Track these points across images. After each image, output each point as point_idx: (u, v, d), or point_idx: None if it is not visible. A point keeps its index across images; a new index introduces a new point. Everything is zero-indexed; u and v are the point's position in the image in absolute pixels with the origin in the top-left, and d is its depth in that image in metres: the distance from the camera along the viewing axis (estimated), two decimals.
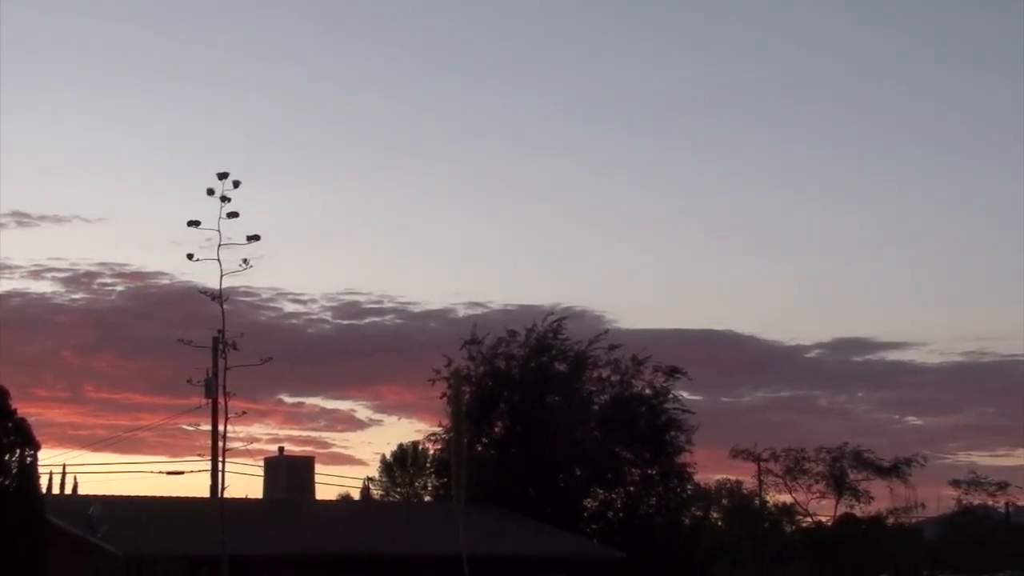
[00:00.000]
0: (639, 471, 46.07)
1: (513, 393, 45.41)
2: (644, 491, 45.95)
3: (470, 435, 42.00)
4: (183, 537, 31.46)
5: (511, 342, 46.28)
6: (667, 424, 45.96)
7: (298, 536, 35.42)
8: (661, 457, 45.66)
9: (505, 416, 45.70)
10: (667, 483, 45.88)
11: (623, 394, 46.15)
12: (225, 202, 19.37)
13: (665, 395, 46.29)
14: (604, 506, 46.11)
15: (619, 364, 46.35)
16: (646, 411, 45.90)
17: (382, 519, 42.57)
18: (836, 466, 48.37)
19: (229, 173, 19.31)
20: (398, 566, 34.62)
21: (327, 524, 38.42)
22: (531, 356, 45.87)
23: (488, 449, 45.33)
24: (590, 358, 46.40)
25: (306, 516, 38.76)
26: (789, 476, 49.36)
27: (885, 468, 48.10)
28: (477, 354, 46.08)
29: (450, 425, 35.01)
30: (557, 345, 46.32)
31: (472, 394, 44.75)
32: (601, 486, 45.86)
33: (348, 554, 34.20)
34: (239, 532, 28.09)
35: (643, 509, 45.77)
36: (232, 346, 20.68)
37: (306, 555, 33.00)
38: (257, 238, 19.41)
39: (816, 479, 48.84)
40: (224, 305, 20.35)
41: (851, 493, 48.31)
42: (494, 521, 39.30)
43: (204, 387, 41.29)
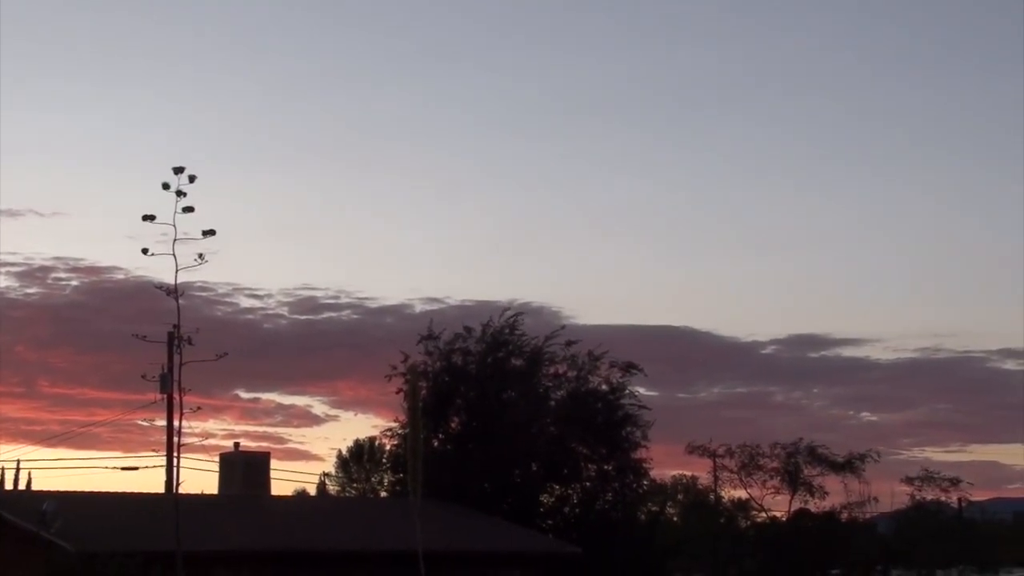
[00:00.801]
0: (595, 466, 46.18)
1: (469, 389, 45.43)
2: (600, 486, 46.06)
3: (426, 431, 42.02)
4: (137, 533, 31.30)
5: (468, 338, 46.31)
6: (623, 420, 46.08)
7: (254, 532, 35.32)
8: (617, 452, 45.78)
9: (461, 412, 45.71)
10: (623, 478, 46.01)
11: (579, 390, 46.25)
12: (180, 196, 19.32)
13: (621, 391, 46.42)
14: (560, 501, 46.20)
15: (576, 360, 46.45)
16: (602, 407, 46.01)
17: (338, 515, 42.48)
18: (790, 462, 48.66)
19: (184, 167, 19.25)
20: (354, 562, 34.56)
21: (283, 520, 38.32)
22: (487, 352, 45.91)
23: (444, 445, 45.33)
24: (547, 354, 46.48)
25: (262, 512, 38.65)
26: (744, 472, 49.66)
27: (839, 464, 48.43)
28: (434, 349, 46.09)
29: (406, 421, 34.97)
30: (514, 341, 46.37)
31: (429, 390, 44.78)
32: (557, 481, 45.94)
33: (304, 550, 34.15)
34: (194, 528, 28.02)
35: (599, 504, 45.89)
36: (187, 341, 20.62)
37: (262, 551, 32.90)
38: (213, 233, 19.36)
39: (771, 475, 49.16)
40: (179, 300, 20.29)
41: (805, 488, 48.61)
42: (450, 517, 39.31)
43: (159, 382, 41.06)
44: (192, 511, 30.94)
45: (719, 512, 53.76)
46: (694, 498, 66.04)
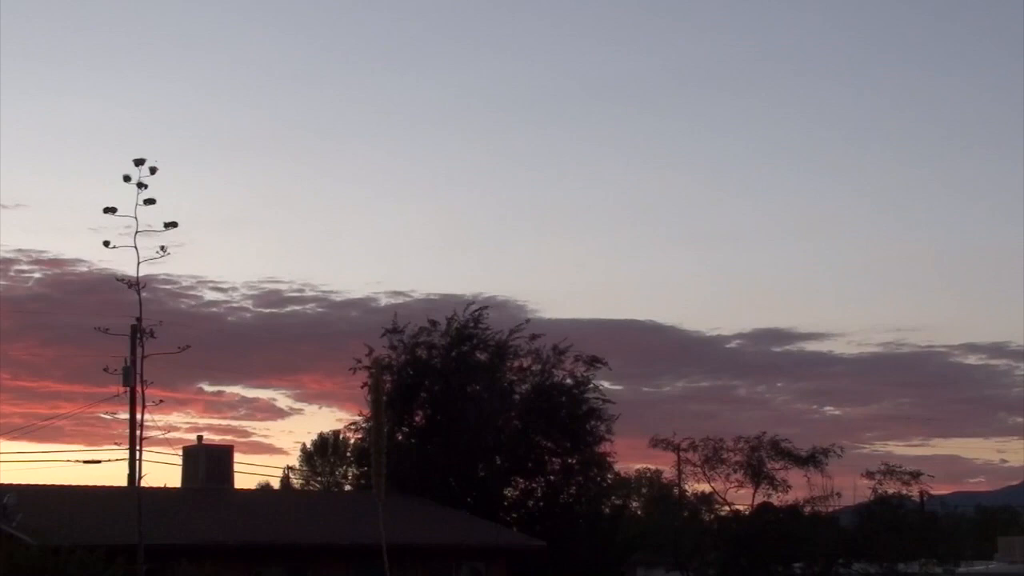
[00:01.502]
0: (559, 460, 46.23)
1: (434, 382, 45.40)
2: (564, 480, 46.12)
3: (390, 424, 41.99)
4: (100, 526, 31.20)
5: (432, 331, 46.27)
6: (587, 414, 46.14)
7: (216, 526, 35.23)
8: (581, 446, 45.84)
9: (426, 405, 45.69)
10: (587, 472, 46.07)
11: (544, 384, 46.28)
12: (142, 188, 19.26)
13: (586, 385, 46.46)
14: (524, 495, 46.23)
15: (540, 354, 46.47)
16: (567, 401, 46.05)
17: (302, 508, 42.42)
18: (754, 456, 48.78)
19: (145, 160, 19.19)
20: (317, 556, 34.54)
21: (246, 513, 38.23)
22: (452, 346, 45.90)
23: (409, 438, 45.29)
24: (511, 348, 46.50)
25: (224, 505, 38.55)
26: (707, 465, 49.72)
27: (802, 458, 48.57)
28: (398, 343, 46.03)
29: (370, 414, 34.91)
30: (478, 335, 46.36)
31: (393, 383, 44.72)
32: (521, 475, 45.97)
33: (267, 544, 34.11)
34: (156, 521, 27.96)
35: (563, 498, 45.94)
36: (150, 334, 20.59)
37: (225, 545, 32.84)
38: (175, 225, 19.32)
39: (734, 468, 49.23)
40: (143, 293, 20.26)
41: (768, 482, 48.75)
42: (414, 510, 39.31)
43: (122, 375, 40.95)
44: (155, 504, 30.88)
45: (682, 506, 53.85)
46: (658, 492, 66.26)
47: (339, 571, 34.39)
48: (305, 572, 34.23)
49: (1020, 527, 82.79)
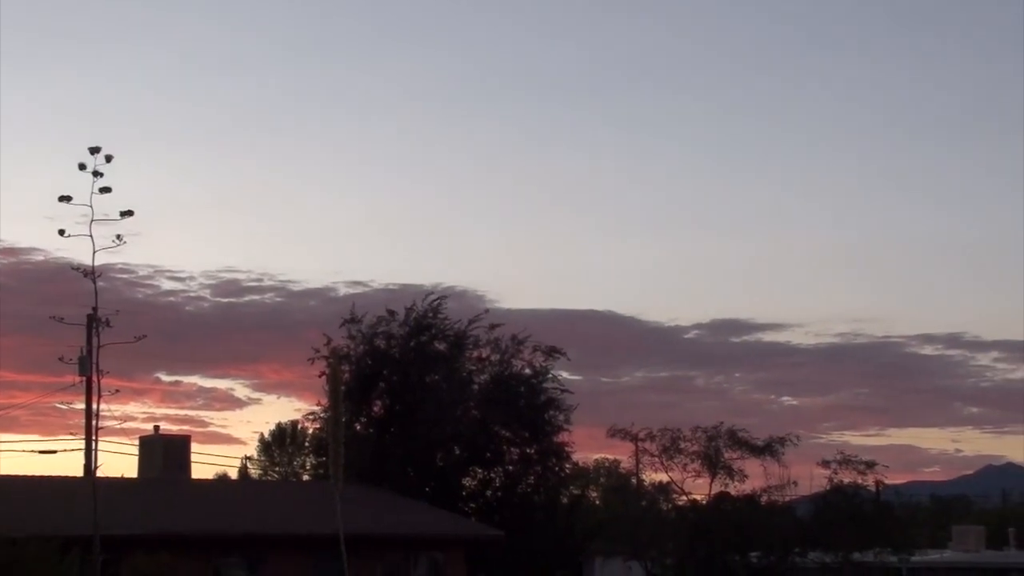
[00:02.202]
0: (518, 450, 46.33)
1: (392, 372, 45.37)
2: (522, 470, 46.22)
3: (349, 414, 41.96)
4: (55, 517, 31.02)
5: (391, 321, 46.23)
6: (546, 403, 46.23)
7: (173, 516, 35.12)
8: (540, 436, 45.93)
9: (384, 395, 45.66)
10: (545, 462, 46.18)
11: (503, 374, 46.34)
12: (97, 177, 19.14)
13: (544, 375, 46.54)
14: (482, 485, 46.31)
15: (499, 344, 46.53)
16: (525, 391, 46.14)
17: (259, 498, 42.36)
18: (711, 445, 48.92)
19: (101, 147, 19.08)
20: (275, 545, 34.48)
21: (203, 504, 38.13)
22: (411, 336, 45.87)
23: (367, 428, 45.27)
24: (470, 338, 46.53)
25: (181, 495, 38.43)
26: (665, 455, 49.78)
27: (759, 447, 48.75)
28: (356, 333, 45.98)
29: (329, 404, 34.86)
30: (437, 324, 46.35)
31: (351, 373, 44.69)
32: (480, 465, 46.04)
33: (224, 534, 34.01)
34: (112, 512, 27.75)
35: (521, 488, 46.05)
36: (106, 323, 20.48)
37: (181, 535, 32.73)
38: (131, 214, 19.21)
39: (691, 458, 49.34)
40: (98, 282, 20.14)
41: (725, 472, 48.90)
42: (372, 500, 39.30)
43: (78, 365, 40.70)
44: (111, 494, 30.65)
45: (640, 496, 53.97)
46: (616, 482, 66.42)
47: (297, 561, 34.34)
48: (263, 562, 34.16)
49: (974, 516, 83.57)
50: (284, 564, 34.26)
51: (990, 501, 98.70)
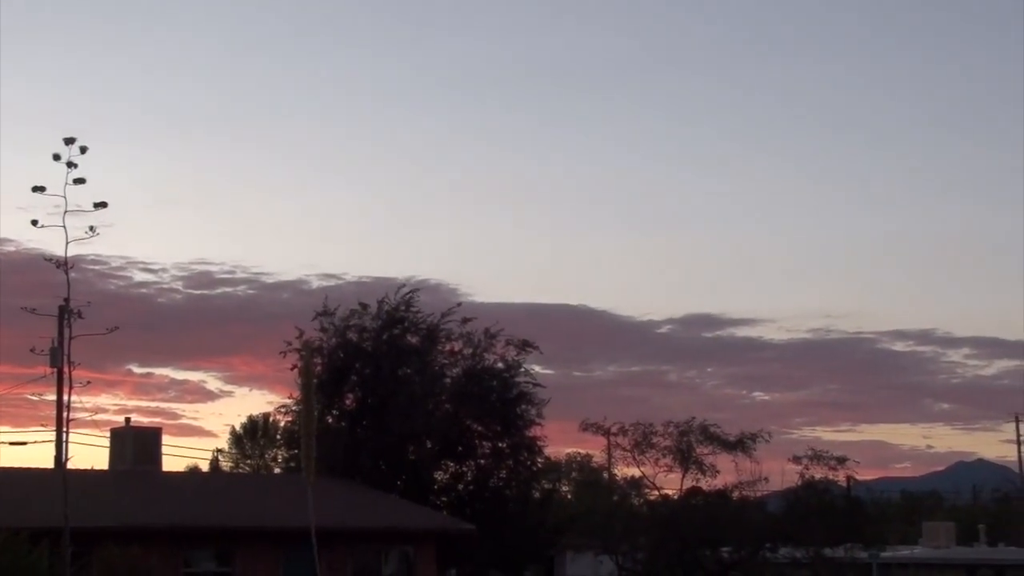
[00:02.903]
0: (490, 444, 46.28)
1: (365, 365, 45.26)
2: (494, 464, 46.19)
3: (320, 407, 41.86)
4: (25, 509, 30.90)
5: (363, 314, 46.12)
6: (518, 397, 46.19)
7: (144, 508, 35.01)
8: (512, 430, 45.91)
9: (356, 388, 45.55)
10: (517, 456, 46.15)
11: (475, 367, 46.27)
12: (72, 168, 19.09)
13: (517, 369, 46.49)
14: (454, 479, 46.27)
15: (472, 337, 46.44)
16: (497, 384, 46.08)
17: (230, 491, 42.24)
18: (683, 440, 48.99)
19: (76, 139, 19.02)
20: (246, 538, 34.40)
21: (174, 496, 38.02)
22: (383, 329, 45.77)
23: (339, 421, 45.17)
24: (442, 331, 46.44)
25: (152, 488, 38.32)
26: (637, 450, 49.85)
27: (731, 443, 48.84)
28: (329, 326, 45.85)
29: (301, 397, 34.78)
30: (409, 318, 46.26)
31: (323, 366, 44.60)
32: (451, 459, 45.99)
33: (195, 526, 33.92)
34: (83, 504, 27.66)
35: (493, 482, 46.02)
36: (78, 315, 20.41)
37: (152, 527, 32.63)
38: (104, 205, 19.17)
39: (663, 453, 49.41)
40: (71, 273, 20.11)
41: (697, 467, 48.99)
42: (344, 493, 39.27)
43: (49, 356, 40.64)
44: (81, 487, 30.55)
45: (612, 490, 54.04)
46: (588, 476, 66.45)
47: (268, 554, 34.28)
48: (233, 555, 34.10)
49: (945, 512, 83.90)
50: (255, 557, 34.20)
51: (961, 497, 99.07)
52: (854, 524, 50.33)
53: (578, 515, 53.63)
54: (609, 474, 57.27)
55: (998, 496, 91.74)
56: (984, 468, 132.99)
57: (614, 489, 53.94)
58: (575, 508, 57.22)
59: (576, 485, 68.67)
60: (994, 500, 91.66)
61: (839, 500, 51.76)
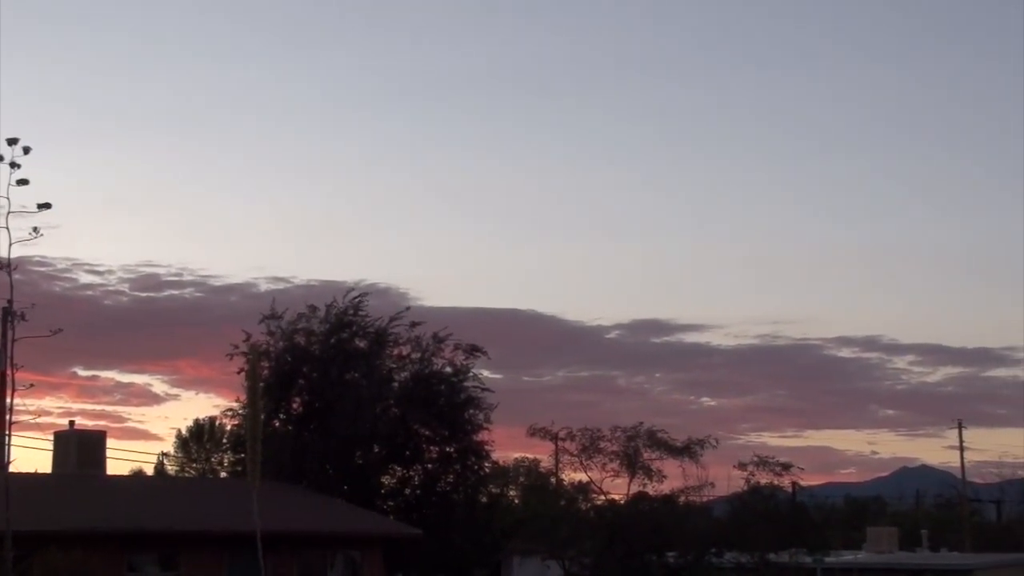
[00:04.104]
0: (437, 448, 46.23)
1: (312, 369, 45.10)
2: (442, 468, 46.14)
3: (267, 411, 41.72)
4: None
5: (311, 318, 45.98)
6: (466, 402, 46.18)
7: (87, 512, 34.69)
8: (459, 435, 45.87)
9: (304, 392, 45.38)
10: (465, 460, 46.13)
11: (423, 372, 46.22)
12: (15, 168, 18.95)
13: (465, 373, 46.47)
14: (401, 483, 46.18)
15: (420, 342, 46.40)
16: (445, 389, 46.05)
17: (175, 495, 41.98)
18: (630, 445, 49.19)
19: (19, 139, 18.88)
20: (190, 542, 34.18)
21: (118, 500, 37.71)
22: (331, 332, 45.63)
23: (286, 425, 45.00)
24: (391, 335, 46.36)
25: (96, 492, 37.98)
26: (584, 455, 50.01)
27: (678, 448, 49.07)
28: (276, 329, 45.67)
29: (247, 400, 34.61)
30: (358, 321, 46.15)
31: (270, 370, 44.42)
32: (399, 463, 45.90)
33: (139, 530, 33.66)
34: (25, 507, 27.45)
35: (440, 486, 45.97)
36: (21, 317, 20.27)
37: (95, 531, 32.34)
38: (48, 206, 19.05)
39: (610, 458, 49.60)
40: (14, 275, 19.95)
41: (644, 472, 49.19)
42: (289, 498, 39.11)
43: None
44: (24, 490, 30.33)
45: (559, 495, 54.16)
46: (535, 480, 66.49)
47: (212, 558, 34.07)
48: (178, 559, 33.87)
49: (889, 518, 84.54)
50: (199, 561, 33.98)
51: (904, 503, 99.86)
52: (799, 529, 50.73)
53: (525, 520, 53.68)
54: (556, 479, 57.37)
55: (941, 502, 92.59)
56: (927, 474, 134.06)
57: (561, 494, 54.06)
58: (522, 513, 57.25)
59: (523, 490, 68.66)
60: (937, 506, 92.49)
61: (784, 505, 52.17)
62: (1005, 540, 76.62)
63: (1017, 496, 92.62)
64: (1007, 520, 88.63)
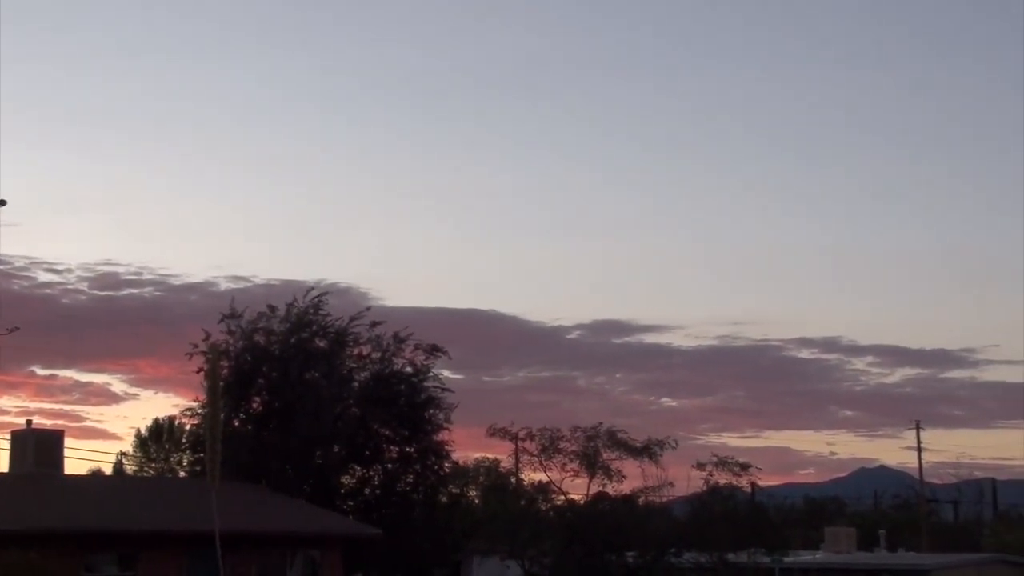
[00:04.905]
0: (397, 448, 46.21)
1: (272, 369, 44.98)
2: (402, 468, 46.12)
3: (227, 411, 41.56)
4: None
5: (271, 317, 45.86)
6: (426, 402, 46.19)
7: (45, 511, 34.52)
8: (419, 435, 45.88)
9: (264, 392, 45.25)
10: (425, 460, 46.13)
11: (383, 372, 46.19)
12: None
13: (425, 373, 46.47)
14: (361, 483, 46.12)
15: (380, 341, 46.36)
16: (406, 389, 46.04)
17: (134, 495, 41.78)
18: (590, 445, 49.28)
19: None
20: (149, 542, 34.04)
21: (76, 499, 37.52)
22: (291, 332, 45.52)
23: (245, 425, 44.86)
24: (351, 335, 46.30)
25: (54, 491, 37.79)
26: (544, 455, 50.06)
27: (637, 448, 49.19)
28: (236, 328, 45.53)
29: (206, 400, 34.48)
30: (318, 321, 46.06)
31: (230, 369, 44.27)
32: (359, 463, 45.85)
33: (97, 530, 33.51)
34: None
35: (400, 486, 45.95)
36: None
37: (52, 531, 32.19)
38: (3, 203, 18.97)
39: (570, 458, 49.67)
40: None
41: (604, 472, 49.29)
42: (249, 497, 39.01)
43: None
44: None
45: (519, 495, 54.20)
46: (495, 481, 66.52)
47: (171, 558, 33.95)
48: (136, 559, 33.73)
49: (847, 518, 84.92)
50: (158, 561, 33.85)
51: (862, 503, 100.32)
52: (757, 529, 50.90)
53: (485, 520, 53.71)
54: (516, 479, 57.41)
55: (898, 502, 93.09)
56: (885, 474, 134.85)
57: (521, 494, 54.10)
58: (482, 513, 57.28)
59: (483, 490, 68.65)
60: (895, 506, 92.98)
61: (743, 506, 52.34)
62: (962, 540, 77.16)
63: (974, 496, 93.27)
64: (964, 520, 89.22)
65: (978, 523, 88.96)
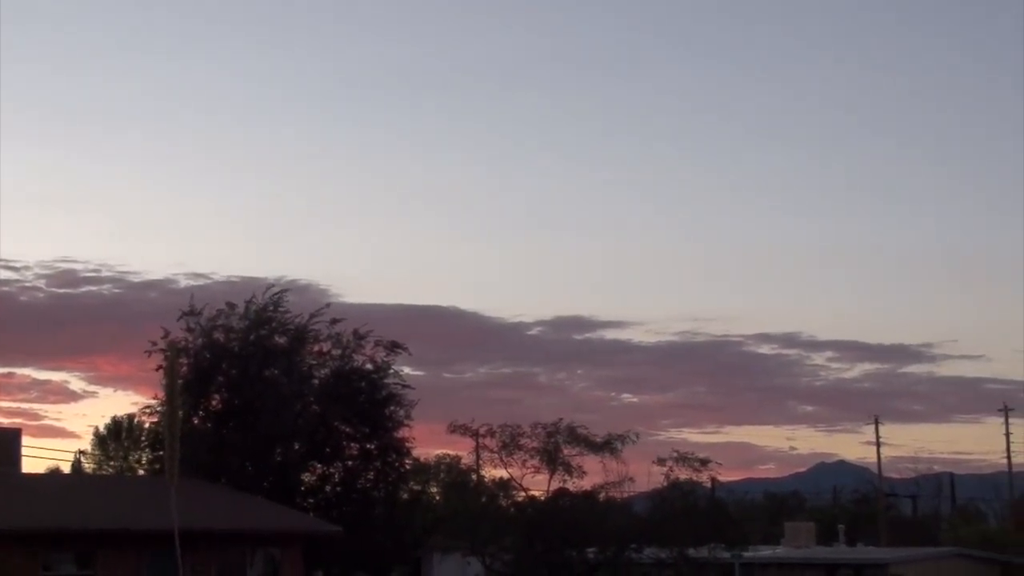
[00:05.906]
0: (358, 446, 46.13)
1: (231, 366, 44.81)
2: (362, 466, 46.04)
3: (186, 408, 41.34)
4: None
5: (231, 314, 45.69)
6: (387, 399, 46.13)
7: (2, 511, 34.27)
8: (380, 431, 45.83)
9: (223, 389, 45.07)
10: (385, 457, 46.08)
11: (343, 368, 46.10)
12: None
13: (386, 370, 46.40)
14: (322, 480, 46.03)
15: (340, 338, 46.26)
16: (366, 385, 45.96)
17: (92, 493, 41.55)
18: (550, 442, 49.35)
19: None
20: (107, 541, 33.85)
21: (33, 498, 37.28)
22: (250, 329, 45.37)
23: (205, 423, 44.68)
24: (311, 332, 46.18)
25: (10, 490, 37.52)
26: (505, 451, 50.12)
27: (598, 444, 49.30)
28: (195, 326, 45.34)
29: (165, 398, 34.31)
30: (277, 318, 45.92)
31: (189, 367, 44.07)
32: (319, 460, 45.76)
33: (55, 529, 33.30)
34: None
35: (361, 483, 45.87)
36: None
37: (8, 530, 31.98)
38: None
39: (531, 454, 49.73)
40: None
41: (564, 468, 49.37)
42: (208, 495, 38.86)
43: None
44: None
45: (480, 491, 54.24)
46: (456, 477, 66.54)
47: (130, 557, 33.77)
48: (94, 557, 33.53)
49: (807, 513, 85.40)
50: (116, 559, 33.66)
51: (822, 498, 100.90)
52: (718, 525, 51.11)
53: (446, 517, 53.73)
54: (477, 476, 57.43)
55: (857, 497, 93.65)
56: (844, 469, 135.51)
57: (482, 491, 54.13)
58: (443, 510, 57.30)
59: (444, 487, 68.66)
60: (853, 501, 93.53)
61: (703, 501, 52.54)
62: (920, 534, 77.73)
63: (932, 491, 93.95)
64: (922, 515, 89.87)
65: (936, 517, 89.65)
